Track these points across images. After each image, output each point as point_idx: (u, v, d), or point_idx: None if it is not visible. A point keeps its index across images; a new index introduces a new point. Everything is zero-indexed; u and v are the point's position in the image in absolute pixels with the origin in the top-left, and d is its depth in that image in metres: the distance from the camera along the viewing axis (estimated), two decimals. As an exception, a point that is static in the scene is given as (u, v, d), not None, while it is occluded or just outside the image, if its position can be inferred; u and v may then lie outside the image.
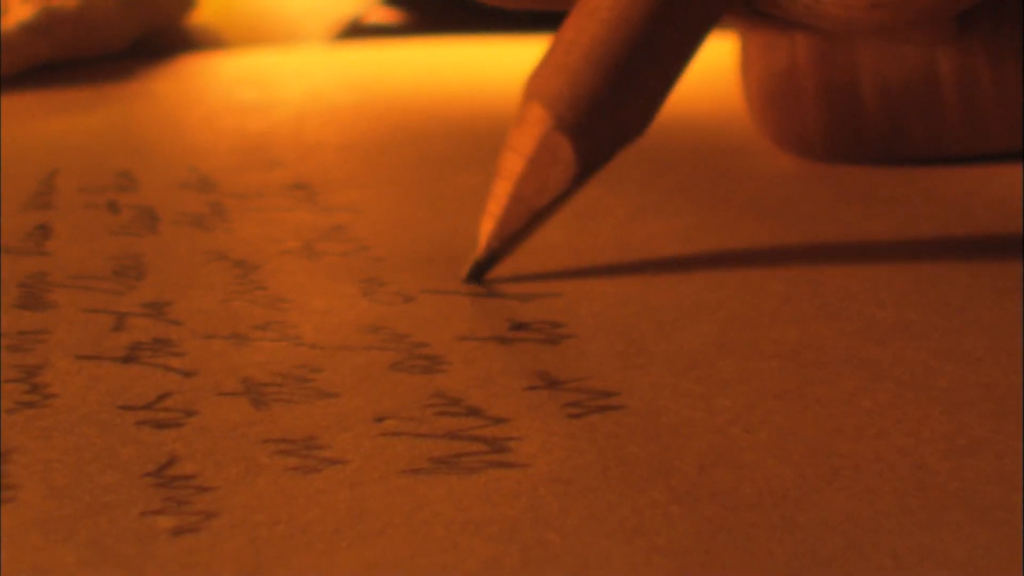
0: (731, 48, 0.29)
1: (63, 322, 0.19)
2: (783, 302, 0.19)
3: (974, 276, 0.20)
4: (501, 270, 0.20)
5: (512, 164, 0.19)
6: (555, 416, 0.15)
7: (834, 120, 0.25)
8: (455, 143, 0.26)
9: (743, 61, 0.26)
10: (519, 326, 0.18)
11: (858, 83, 0.25)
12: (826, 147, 0.26)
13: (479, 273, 0.19)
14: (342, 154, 0.28)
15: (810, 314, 0.19)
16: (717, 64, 0.31)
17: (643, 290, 0.20)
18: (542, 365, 0.17)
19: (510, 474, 0.14)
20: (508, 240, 0.19)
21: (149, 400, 0.16)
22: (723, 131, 0.29)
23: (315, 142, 0.29)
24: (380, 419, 0.15)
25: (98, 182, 0.27)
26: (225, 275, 0.21)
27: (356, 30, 0.51)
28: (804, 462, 0.14)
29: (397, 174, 0.26)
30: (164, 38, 0.50)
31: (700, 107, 0.31)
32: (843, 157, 0.26)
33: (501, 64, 0.36)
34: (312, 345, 0.18)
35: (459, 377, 0.16)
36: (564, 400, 0.16)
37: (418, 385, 0.16)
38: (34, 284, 0.21)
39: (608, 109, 0.19)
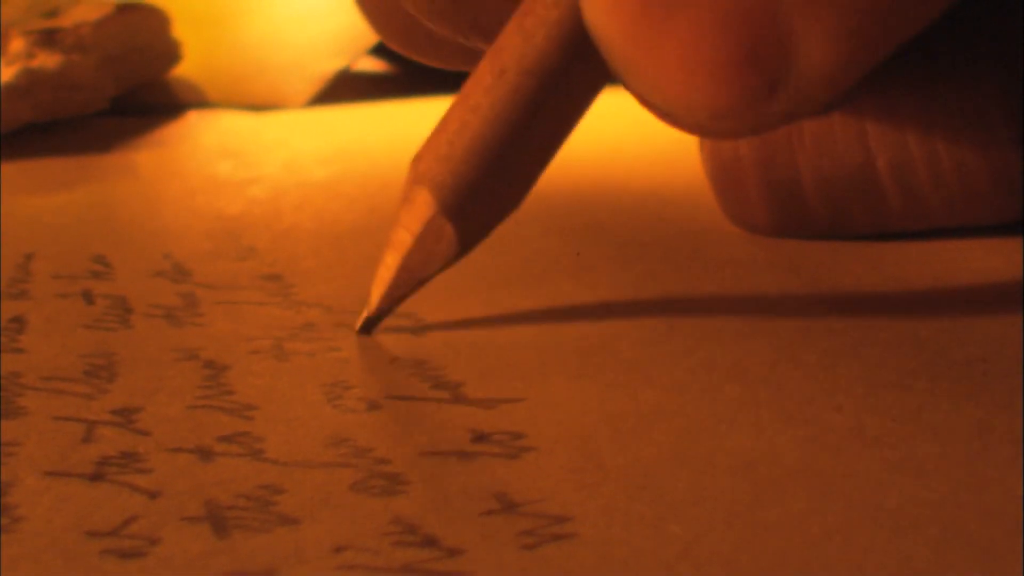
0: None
1: (34, 432, 0.19)
2: (740, 407, 0.19)
3: (933, 380, 0.20)
4: (470, 365, 0.21)
5: (401, 239, 0.22)
6: (509, 547, 0.15)
7: (779, 210, 0.27)
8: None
9: (699, 142, 0.27)
10: (480, 437, 0.19)
11: (799, 179, 0.26)
12: (774, 231, 0.28)
13: (369, 328, 0.23)
14: (315, 241, 0.28)
15: (767, 420, 0.19)
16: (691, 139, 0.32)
17: (604, 395, 0.20)
18: (500, 485, 0.17)
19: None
20: (395, 301, 0.23)
21: (115, 525, 0.16)
22: (696, 207, 0.30)
23: (289, 225, 0.29)
24: (338, 550, 0.15)
25: (73, 268, 0.27)
26: (194, 377, 0.21)
27: (343, 81, 0.51)
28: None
29: (368, 265, 0.26)
30: (146, 93, 0.50)
31: (673, 184, 0.32)
32: (791, 238, 0.27)
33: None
34: (275, 461, 0.18)
35: (418, 500, 0.17)
36: (519, 527, 0.16)
37: (377, 510, 0.16)
38: (8, 387, 0.21)
39: (487, 195, 0.22)
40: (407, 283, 0.22)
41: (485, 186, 0.21)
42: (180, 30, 0.54)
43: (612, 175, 0.37)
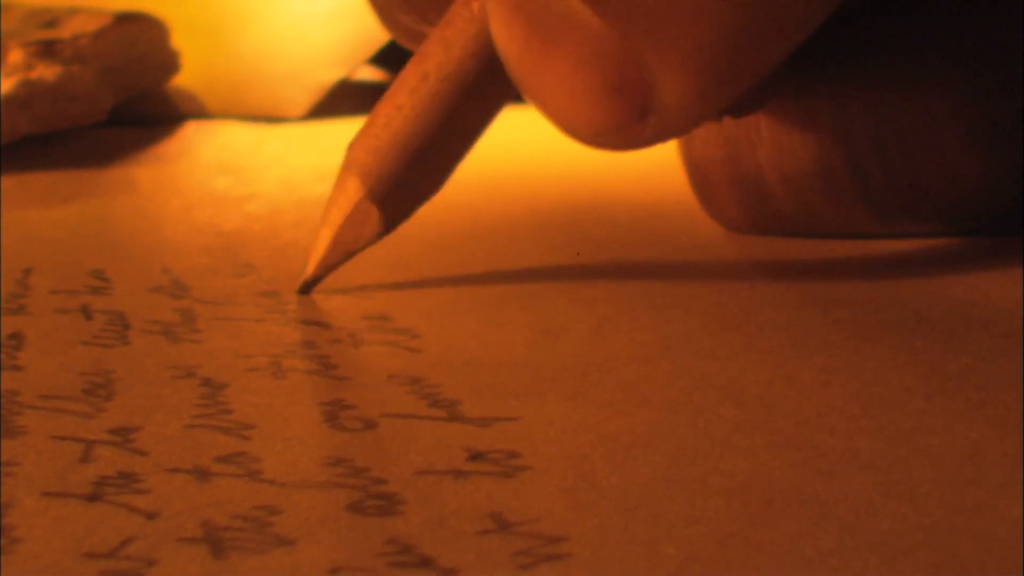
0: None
1: (32, 452, 0.19)
2: (735, 429, 0.19)
3: (928, 398, 0.20)
4: (467, 383, 0.21)
5: (334, 217, 0.25)
6: (504, 567, 0.16)
7: (748, 206, 0.28)
8: (420, 247, 0.27)
9: (678, 141, 0.28)
10: (476, 456, 0.19)
11: (763, 177, 0.27)
12: (747, 226, 0.29)
13: (307, 289, 0.26)
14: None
15: (761, 443, 0.19)
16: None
17: (599, 414, 0.20)
18: (495, 505, 0.17)
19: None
20: (328, 269, 0.26)
21: (112, 547, 0.16)
22: (690, 221, 0.30)
23: (287, 243, 0.29)
24: (334, 571, 0.15)
25: (72, 283, 0.27)
26: (191, 395, 0.21)
27: (342, 91, 0.51)
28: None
29: (366, 283, 0.26)
30: (145, 103, 0.50)
31: (668, 199, 0.32)
32: (765, 234, 0.28)
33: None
34: (272, 482, 0.18)
35: (413, 520, 0.17)
36: (514, 548, 0.16)
37: (372, 530, 0.17)
38: (6, 405, 0.21)
39: (409, 183, 0.25)
40: (338, 255, 0.26)
41: (406, 176, 0.25)
42: (178, 40, 0.54)
43: (607, 191, 0.37)
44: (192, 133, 0.50)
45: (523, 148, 0.26)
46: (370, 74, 0.60)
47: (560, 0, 0.21)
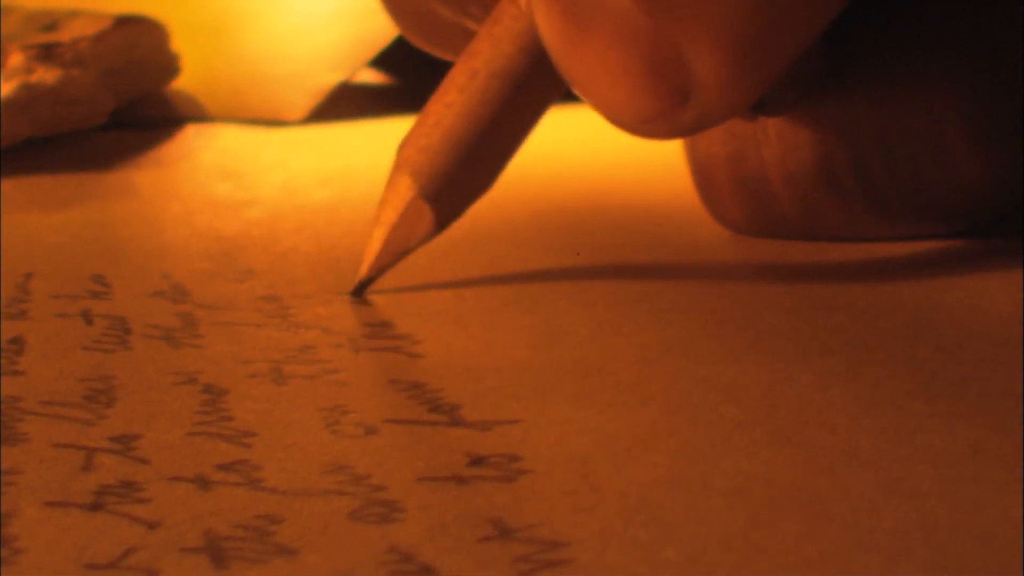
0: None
1: (34, 460, 0.19)
2: (736, 428, 0.19)
3: (929, 400, 0.20)
4: (468, 387, 0.21)
5: (387, 216, 0.25)
6: (505, 574, 0.16)
7: (751, 207, 0.28)
8: (420, 251, 0.27)
9: (684, 144, 0.28)
10: (477, 461, 0.19)
11: (766, 176, 0.26)
12: (749, 228, 0.29)
13: (360, 291, 0.26)
14: (313, 265, 0.28)
15: (762, 442, 0.19)
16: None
17: (600, 416, 0.20)
18: (496, 510, 0.17)
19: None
20: (381, 270, 0.26)
21: (114, 557, 0.16)
22: (693, 223, 0.30)
23: (288, 248, 0.29)
24: (335, 580, 0.15)
25: (72, 288, 0.27)
26: (192, 402, 0.21)
27: (343, 93, 0.51)
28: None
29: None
30: (145, 106, 0.50)
31: (671, 201, 0.32)
32: (767, 236, 0.28)
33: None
34: (273, 490, 0.18)
35: (415, 527, 0.17)
36: (515, 553, 0.16)
37: (374, 538, 0.17)
38: (8, 411, 0.21)
39: (460, 181, 0.25)
40: (392, 255, 0.26)
41: (458, 174, 0.25)
42: (178, 43, 0.54)
43: (610, 193, 0.37)
44: (192, 136, 0.50)
45: (524, 150, 0.26)
46: (371, 77, 0.60)
47: None
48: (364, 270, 0.26)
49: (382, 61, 0.55)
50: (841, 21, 0.22)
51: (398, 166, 0.25)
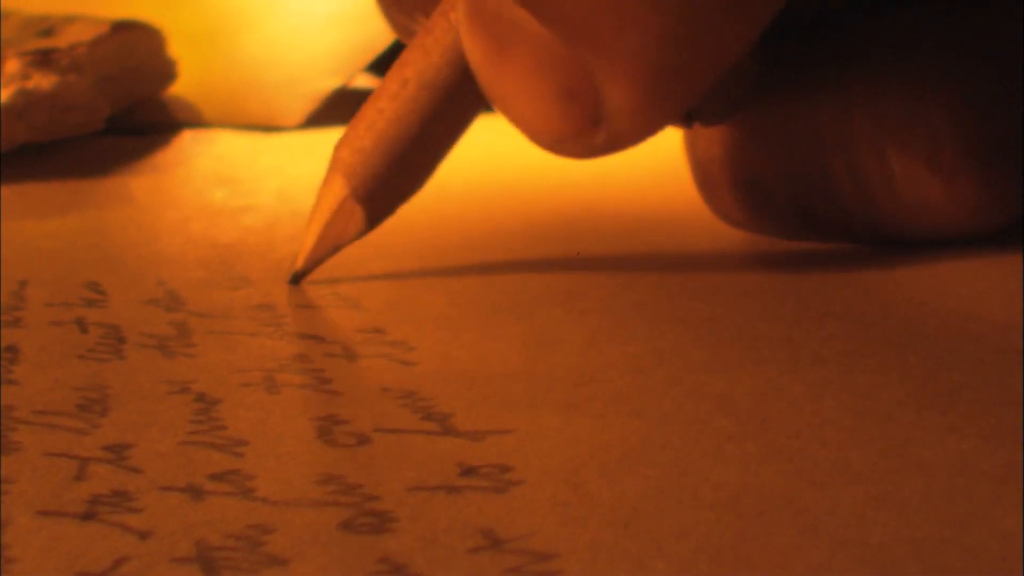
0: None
1: (27, 469, 0.19)
2: (727, 440, 0.20)
3: (920, 411, 0.20)
4: (460, 395, 0.21)
5: (321, 214, 0.27)
6: (495, 586, 0.16)
7: (750, 207, 0.28)
8: (414, 258, 0.27)
9: (684, 142, 0.28)
10: (468, 471, 0.19)
11: (764, 178, 0.27)
12: (749, 225, 0.29)
13: (297, 280, 0.28)
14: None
15: (752, 454, 0.19)
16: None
17: (592, 426, 0.20)
18: (487, 521, 0.17)
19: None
20: (316, 262, 0.28)
21: (105, 567, 0.16)
22: (689, 232, 0.30)
23: (283, 256, 0.29)
24: (326, 591, 0.16)
25: (67, 295, 0.27)
26: (185, 411, 0.21)
27: (340, 99, 0.52)
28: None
29: (360, 297, 0.26)
30: (142, 112, 0.50)
31: (665, 208, 0.32)
32: (767, 234, 0.29)
33: (476, 151, 0.36)
34: (265, 500, 0.18)
35: (405, 538, 0.17)
36: (505, 565, 0.16)
37: (365, 549, 0.17)
38: (2, 421, 0.21)
39: (390, 183, 0.26)
40: (325, 250, 0.27)
41: (388, 176, 0.26)
42: (175, 49, 0.54)
43: (603, 201, 0.37)
44: (189, 142, 0.50)
45: (516, 158, 0.26)
46: (368, 82, 0.60)
47: (509, 8, 0.22)
48: (300, 263, 0.28)
49: (379, 66, 0.55)
50: (832, 23, 0.22)
51: (333, 166, 0.27)
